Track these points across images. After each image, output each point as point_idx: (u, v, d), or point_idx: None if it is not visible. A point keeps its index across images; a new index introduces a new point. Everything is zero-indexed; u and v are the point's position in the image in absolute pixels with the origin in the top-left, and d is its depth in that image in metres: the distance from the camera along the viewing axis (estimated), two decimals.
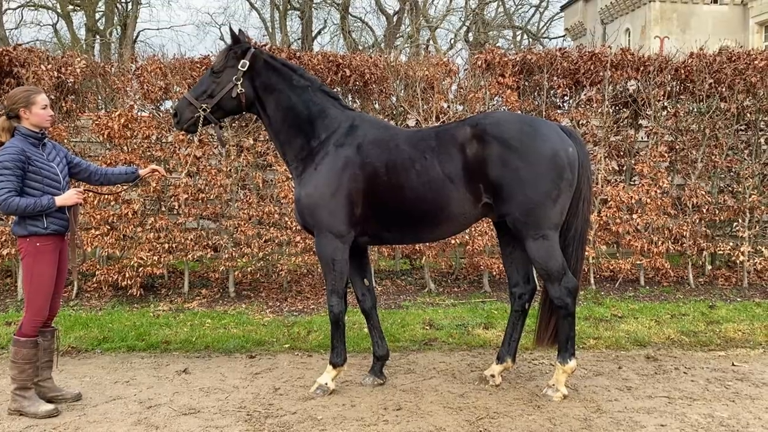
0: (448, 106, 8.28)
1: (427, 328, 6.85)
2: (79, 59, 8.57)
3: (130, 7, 35.99)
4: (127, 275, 7.82)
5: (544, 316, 5.07)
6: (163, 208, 8.08)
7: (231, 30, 5.04)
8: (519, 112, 7.90)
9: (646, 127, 8.63)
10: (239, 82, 4.89)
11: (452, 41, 40.55)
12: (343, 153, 4.89)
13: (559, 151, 4.74)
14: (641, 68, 8.32)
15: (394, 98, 8.53)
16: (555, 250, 4.77)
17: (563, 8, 49.14)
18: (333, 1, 39.27)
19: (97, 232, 7.82)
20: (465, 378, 5.33)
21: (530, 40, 44.80)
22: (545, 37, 47.98)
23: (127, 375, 5.45)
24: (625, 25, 43.35)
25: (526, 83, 8.30)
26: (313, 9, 37.88)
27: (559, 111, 8.47)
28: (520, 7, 44.80)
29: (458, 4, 41.94)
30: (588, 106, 8.29)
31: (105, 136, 7.88)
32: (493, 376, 5.18)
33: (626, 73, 8.29)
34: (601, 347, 6.30)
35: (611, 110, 8.41)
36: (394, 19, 38.57)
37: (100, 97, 8.97)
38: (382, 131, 5.09)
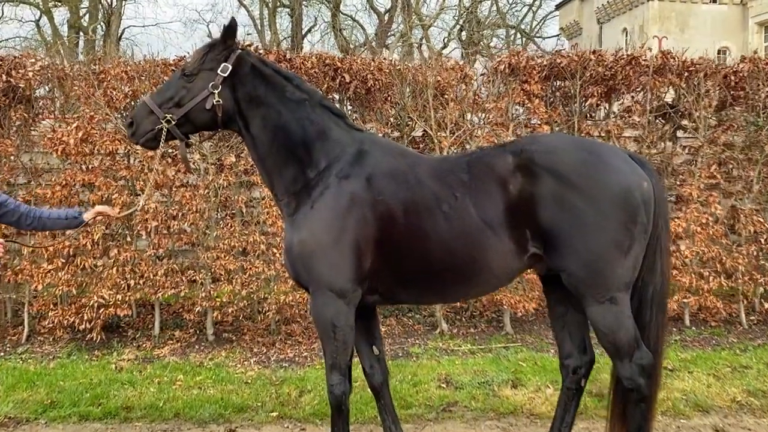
0: (463, 117, 7.13)
1: (444, 386, 5.70)
2: (33, 60, 7.35)
3: (114, 3, 34.88)
4: (85, 317, 6.61)
5: (617, 401, 3.91)
6: (129, 238, 6.86)
7: (231, 23, 3.86)
8: (549, 124, 6.75)
9: (688, 142, 7.51)
10: (216, 91, 3.77)
11: (446, 40, 39.71)
12: (349, 188, 3.76)
13: (632, 187, 3.64)
14: (684, 74, 7.19)
15: (394, 107, 7.37)
16: (625, 318, 3.68)
17: (558, 7, 48.35)
18: None
19: (50, 267, 6.60)
20: None
21: (524, 39, 44.04)
22: (539, 37, 47.25)
23: None
24: (622, 24, 42.50)
25: (556, 91, 7.15)
26: (303, 6, 36.96)
27: (589, 122, 7.32)
28: (513, 6, 44.00)
29: (451, 2, 41.04)
30: (625, 117, 7.16)
31: (59, 153, 6.66)
32: None
33: (667, 79, 7.16)
34: (656, 413, 5.15)
35: (652, 122, 7.27)
36: (386, 17, 37.79)
37: (57, 106, 7.73)
38: (399, 159, 3.94)
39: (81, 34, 33.81)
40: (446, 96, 6.98)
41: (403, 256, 3.76)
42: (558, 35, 48.94)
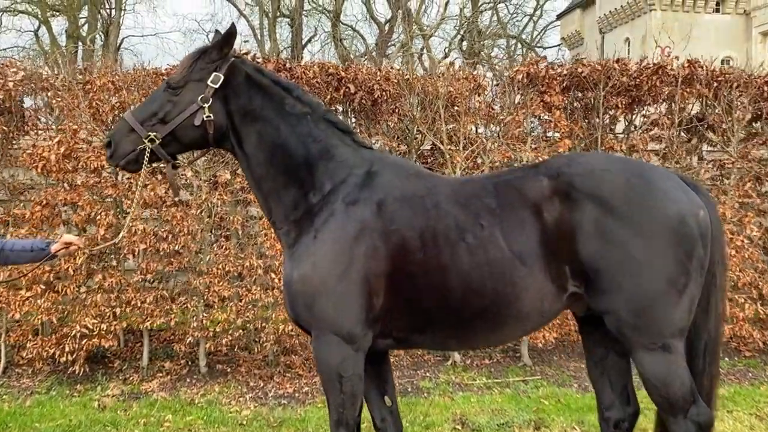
0: (476, 130, 6.62)
1: (459, 428, 5.15)
2: (14, 69, 6.85)
3: (113, 13, 34.59)
4: (67, 348, 6.06)
5: None
6: (115, 262, 6.33)
7: (231, 29, 3.40)
8: (571, 138, 6.23)
9: (715, 156, 7.01)
10: (207, 105, 3.29)
11: (446, 50, 39.44)
12: (357, 214, 3.29)
13: (687, 216, 3.15)
14: (713, 84, 6.69)
15: (402, 120, 6.86)
16: (680, 368, 3.19)
17: (560, 17, 48.17)
18: (324, 8, 38.34)
19: (29, 294, 6.05)
20: None
21: (524, 49, 43.88)
22: (539, 47, 47.04)
23: None
24: (624, 34, 42.26)
25: (577, 102, 6.64)
26: (303, 16, 36.70)
27: (611, 135, 6.81)
28: (514, 16, 43.87)
29: (452, 12, 40.85)
30: (650, 131, 6.65)
31: (39, 169, 6.13)
32: None
33: (695, 90, 6.66)
34: None
35: (679, 135, 6.75)
36: (386, 27, 37.59)
37: (42, 119, 7.22)
38: (414, 181, 3.44)
39: (80, 43, 33.52)
40: (457, 107, 6.48)
41: (420, 294, 3.27)
42: (559, 45, 48.74)
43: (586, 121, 6.59)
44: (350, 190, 3.38)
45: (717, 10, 40.29)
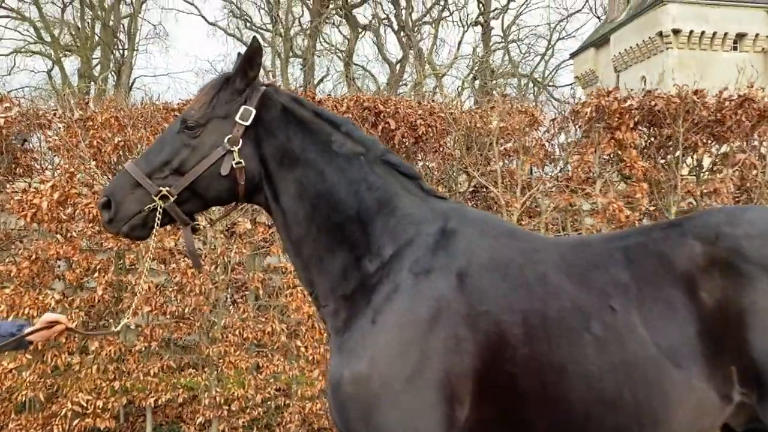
0: (532, 171, 5.76)
1: None
2: (8, 104, 6.09)
3: (125, 53, 34.69)
4: (56, 430, 5.13)
5: None
6: (115, 327, 5.42)
7: (254, 44, 2.58)
8: (648, 181, 5.33)
9: None
10: (236, 148, 2.51)
11: (459, 89, 39.26)
12: (431, 289, 2.46)
13: None
14: None
15: (446, 159, 6.01)
16: None
17: (573, 56, 47.98)
18: (336, 48, 38.52)
19: (11, 365, 5.15)
20: None
21: (536, 88, 43.77)
22: (552, 86, 46.87)
23: None
24: (640, 72, 41.77)
25: (651, 138, 5.77)
26: (315, 56, 36.78)
27: (687, 177, 5.92)
28: (526, 56, 43.92)
29: (464, 51, 40.93)
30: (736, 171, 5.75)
31: (29, 218, 5.29)
32: None
33: None
34: None
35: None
36: (397, 67, 37.63)
37: (38, 159, 6.44)
38: (507, 243, 2.56)
39: (92, 83, 33.57)
40: (509, 145, 5.64)
41: (524, 405, 2.40)
42: (572, 84, 48.50)
43: (663, 160, 5.70)
44: (420, 255, 2.51)
45: (735, 48, 39.97)
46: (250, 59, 2.54)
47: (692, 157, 5.85)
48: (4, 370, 5.18)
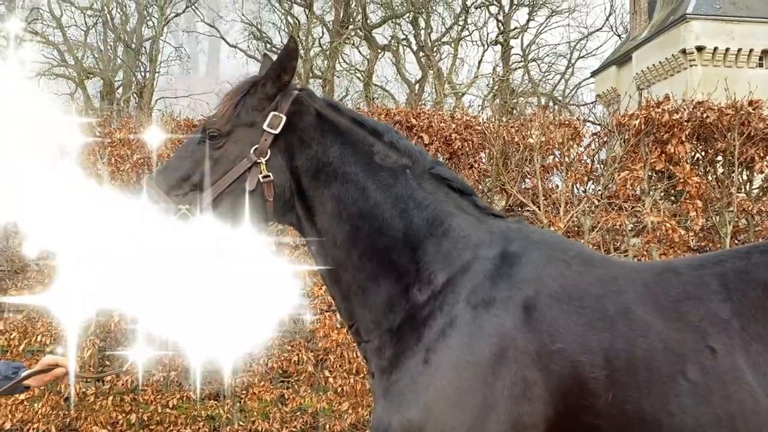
0: (574, 187, 5.41)
1: None
2: None
3: (147, 75, 35.23)
4: None
5: None
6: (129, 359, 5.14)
7: (290, 44, 2.30)
8: (702, 198, 4.96)
9: None
10: (264, 159, 2.20)
11: (480, 108, 39.21)
12: (493, 324, 2.11)
13: None
14: None
15: (484, 175, 5.69)
16: None
17: (594, 74, 47.63)
18: (356, 69, 38.79)
19: (22, 396, 4.86)
20: None
21: (556, 107, 43.55)
22: (572, 104, 46.64)
23: None
24: (663, 90, 41.18)
25: (703, 152, 5.40)
26: (335, 77, 37.08)
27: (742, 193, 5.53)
28: (546, 75, 43.93)
29: (484, 70, 41.02)
30: None
31: None
32: None
33: None
34: None
35: None
36: (416, 87, 37.79)
37: None
38: (581, 270, 2.22)
39: (114, 105, 34.11)
40: (549, 160, 5.30)
41: None
42: (593, 102, 48.20)
43: (716, 175, 5.32)
44: (478, 283, 2.17)
45: (760, 65, 39.52)
46: (284, 62, 2.24)
47: (749, 172, 5.48)
48: (15, 402, 4.92)
